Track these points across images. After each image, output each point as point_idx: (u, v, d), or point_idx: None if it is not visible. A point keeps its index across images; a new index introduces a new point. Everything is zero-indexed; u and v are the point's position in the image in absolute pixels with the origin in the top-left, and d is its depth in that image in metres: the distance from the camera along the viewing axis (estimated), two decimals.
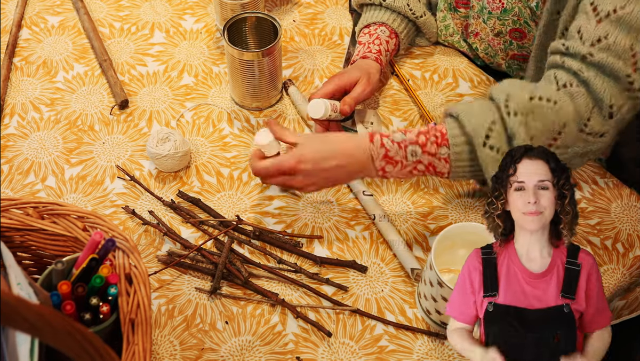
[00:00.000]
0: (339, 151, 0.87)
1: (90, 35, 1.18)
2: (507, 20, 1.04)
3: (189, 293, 0.89)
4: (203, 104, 1.10)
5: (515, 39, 1.07)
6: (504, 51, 1.11)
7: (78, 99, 1.11)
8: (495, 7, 1.04)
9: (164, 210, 0.97)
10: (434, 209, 0.99)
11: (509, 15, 1.04)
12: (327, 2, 1.27)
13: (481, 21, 1.09)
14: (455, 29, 1.15)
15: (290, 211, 0.98)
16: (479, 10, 1.07)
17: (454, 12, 1.13)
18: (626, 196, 1.00)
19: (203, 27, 1.22)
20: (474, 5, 1.08)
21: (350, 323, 0.87)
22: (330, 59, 1.18)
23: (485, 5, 1.05)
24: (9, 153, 1.03)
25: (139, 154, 1.04)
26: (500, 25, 1.06)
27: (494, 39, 1.10)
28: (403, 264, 0.91)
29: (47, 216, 0.72)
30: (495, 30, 1.08)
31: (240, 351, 0.84)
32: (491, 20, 1.06)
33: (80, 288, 0.65)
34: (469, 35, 1.14)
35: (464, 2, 1.11)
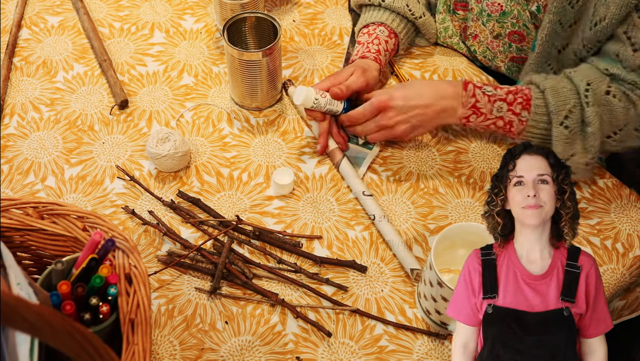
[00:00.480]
0: (429, 90, 0.95)
1: (90, 35, 1.18)
2: (506, 23, 1.05)
3: (189, 293, 0.89)
4: (203, 104, 1.10)
5: (514, 41, 1.07)
6: (503, 53, 1.11)
7: (78, 99, 1.11)
8: (494, 9, 1.04)
9: (164, 210, 0.97)
10: (434, 209, 0.99)
11: (507, 18, 1.04)
12: (327, 2, 1.27)
13: (480, 23, 1.08)
14: (454, 30, 1.15)
15: (290, 211, 0.98)
16: (477, 13, 1.07)
17: (453, 14, 1.13)
18: (626, 196, 1.00)
19: (203, 27, 1.22)
20: (472, 7, 1.08)
21: (350, 323, 0.87)
22: (330, 59, 1.18)
23: (484, 8, 1.05)
24: (9, 153, 1.03)
25: (138, 154, 1.04)
26: (499, 27, 1.06)
27: (492, 42, 1.10)
28: (403, 264, 0.91)
29: (47, 216, 0.72)
30: (495, 33, 1.08)
31: (240, 351, 0.84)
32: (490, 23, 1.06)
33: (80, 288, 0.65)
34: (468, 37, 1.14)
35: (462, 4, 1.11)
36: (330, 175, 1.02)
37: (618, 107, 0.91)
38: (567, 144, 0.91)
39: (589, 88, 0.90)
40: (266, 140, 1.06)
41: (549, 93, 0.91)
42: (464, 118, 0.95)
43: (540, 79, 0.93)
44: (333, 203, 0.99)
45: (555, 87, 0.91)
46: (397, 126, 0.96)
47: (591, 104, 0.89)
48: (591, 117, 0.89)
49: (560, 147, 0.91)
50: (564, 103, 0.90)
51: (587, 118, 0.90)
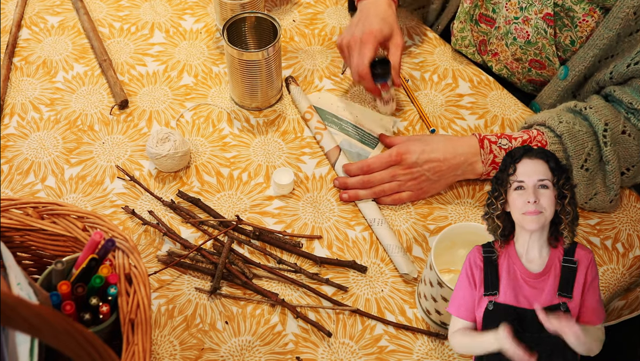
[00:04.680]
0: (444, 145, 0.96)
1: (90, 35, 1.18)
2: (529, 51, 1.04)
3: (189, 293, 0.89)
4: (203, 104, 1.10)
5: (535, 68, 1.07)
6: (522, 74, 1.11)
7: (78, 99, 1.11)
8: (522, 35, 1.03)
9: (164, 210, 0.97)
10: (434, 209, 0.99)
11: (532, 48, 1.03)
12: (327, 2, 1.27)
13: (503, 44, 1.07)
14: (472, 41, 1.14)
15: (290, 211, 0.98)
16: (503, 33, 1.06)
17: (475, 24, 1.11)
18: (626, 196, 1.00)
19: (203, 27, 1.22)
20: (499, 26, 1.06)
21: (350, 323, 0.87)
22: (330, 59, 1.18)
23: (512, 31, 1.04)
24: (9, 153, 1.03)
25: (138, 154, 1.04)
26: (522, 53, 1.05)
27: (512, 62, 1.09)
28: (397, 268, 0.91)
29: (47, 216, 0.71)
30: (516, 56, 1.07)
31: (240, 352, 0.84)
32: (514, 46, 1.05)
33: (80, 288, 0.65)
34: (487, 52, 1.13)
35: (488, 19, 1.09)
36: (330, 175, 1.02)
37: (633, 145, 0.92)
38: (589, 185, 0.92)
39: (607, 128, 0.91)
40: (266, 140, 1.06)
41: (567, 138, 0.91)
42: (485, 174, 0.97)
43: (554, 123, 0.93)
44: (333, 203, 0.99)
45: (571, 132, 0.91)
46: (410, 180, 0.96)
47: (609, 144, 0.90)
48: (610, 156, 0.91)
49: (583, 188, 0.92)
50: (582, 147, 0.91)
51: (606, 157, 0.91)
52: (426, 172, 0.95)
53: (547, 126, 0.94)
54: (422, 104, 1.11)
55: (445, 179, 0.97)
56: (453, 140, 0.97)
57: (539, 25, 0.99)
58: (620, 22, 0.91)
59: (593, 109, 0.92)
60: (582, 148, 0.91)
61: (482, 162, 0.95)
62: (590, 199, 0.94)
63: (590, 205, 0.95)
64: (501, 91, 1.13)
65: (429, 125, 1.07)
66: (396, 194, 0.97)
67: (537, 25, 0.99)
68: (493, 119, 1.09)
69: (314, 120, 1.06)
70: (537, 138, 0.94)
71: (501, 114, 1.10)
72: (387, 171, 0.97)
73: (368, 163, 0.98)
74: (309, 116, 1.07)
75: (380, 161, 0.97)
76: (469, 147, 0.95)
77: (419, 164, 0.95)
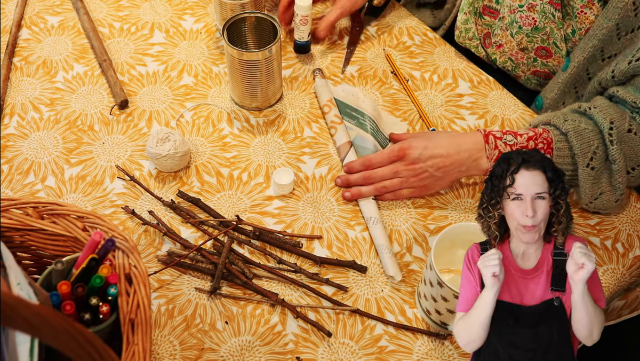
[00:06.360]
0: (448, 141, 0.94)
1: (90, 35, 1.18)
2: (536, 38, 1.03)
3: (189, 293, 0.89)
4: (203, 104, 1.10)
5: (541, 56, 1.06)
6: (526, 66, 1.10)
7: (78, 99, 1.11)
8: (527, 22, 1.02)
9: (164, 210, 0.97)
10: (434, 209, 0.99)
11: (539, 34, 1.03)
12: (326, 2, 1.27)
13: (508, 34, 1.07)
14: (475, 34, 1.14)
15: (290, 211, 0.98)
16: (508, 23, 1.06)
17: (479, 17, 1.11)
18: (626, 196, 1.00)
19: (203, 27, 1.22)
20: (504, 17, 1.06)
21: (350, 323, 0.87)
22: (330, 59, 1.18)
23: (517, 20, 1.04)
24: (9, 153, 1.03)
25: (138, 154, 1.04)
26: (528, 42, 1.05)
27: (518, 53, 1.09)
28: (384, 269, 0.91)
29: (46, 216, 0.71)
30: (522, 46, 1.07)
31: (240, 352, 0.84)
32: (519, 35, 1.05)
33: (80, 288, 0.65)
34: (491, 45, 1.12)
35: (492, 11, 1.09)
36: (330, 175, 1.02)
37: (638, 144, 0.92)
38: (594, 184, 0.92)
39: (613, 127, 0.90)
40: (266, 140, 1.06)
41: (572, 136, 0.90)
42: (489, 170, 0.95)
43: (559, 121, 0.92)
44: (333, 203, 0.99)
45: (577, 130, 0.91)
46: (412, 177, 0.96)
47: (615, 142, 0.90)
48: (616, 155, 0.90)
49: (588, 187, 0.92)
50: (588, 145, 0.90)
51: (612, 156, 0.90)
52: (429, 169, 0.95)
53: (553, 124, 0.93)
54: (422, 104, 1.11)
55: (449, 176, 0.96)
56: (457, 136, 0.96)
57: (546, 10, 0.98)
58: (619, 12, 0.91)
59: (597, 108, 0.92)
60: (588, 146, 0.90)
61: (487, 157, 0.94)
62: (595, 199, 0.93)
63: (595, 205, 0.95)
64: (501, 91, 1.13)
65: (429, 125, 1.07)
66: (398, 190, 0.97)
67: (545, 10, 0.99)
68: (493, 119, 1.09)
69: (331, 114, 1.06)
70: (543, 135, 0.93)
71: (501, 114, 1.10)
72: (390, 167, 0.97)
73: (370, 158, 0.98)
74: (327, 109, 1.07)
75: (383, 156, 0.97)
76: (474, 143, 0.94)
77: (421, 160, 0.94)
